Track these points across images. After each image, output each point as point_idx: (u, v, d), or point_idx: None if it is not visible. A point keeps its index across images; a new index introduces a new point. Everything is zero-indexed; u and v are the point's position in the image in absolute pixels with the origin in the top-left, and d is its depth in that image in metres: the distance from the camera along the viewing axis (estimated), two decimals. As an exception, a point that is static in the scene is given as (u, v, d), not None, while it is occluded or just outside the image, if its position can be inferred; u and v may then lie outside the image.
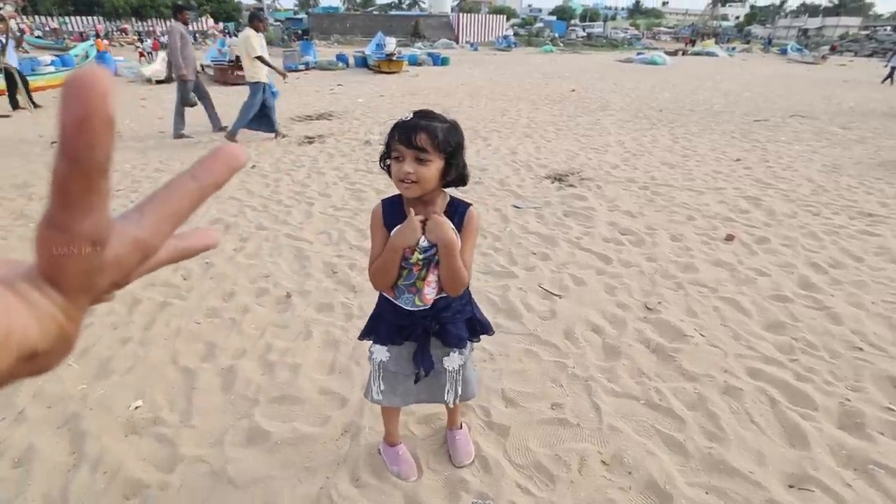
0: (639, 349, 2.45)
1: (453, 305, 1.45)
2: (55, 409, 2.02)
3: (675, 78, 16.30)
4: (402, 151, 1.20)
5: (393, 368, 1.50)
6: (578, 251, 3.51)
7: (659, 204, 4.47)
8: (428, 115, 1.24)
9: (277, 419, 1.97)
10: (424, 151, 1.20)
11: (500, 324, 2.64)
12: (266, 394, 2.10)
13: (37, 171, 5.33)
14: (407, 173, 1.20)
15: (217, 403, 2.05)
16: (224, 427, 1.93)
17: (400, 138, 1.19)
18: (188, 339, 2.47)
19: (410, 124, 1.20)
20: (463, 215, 1.34)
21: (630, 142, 6.90)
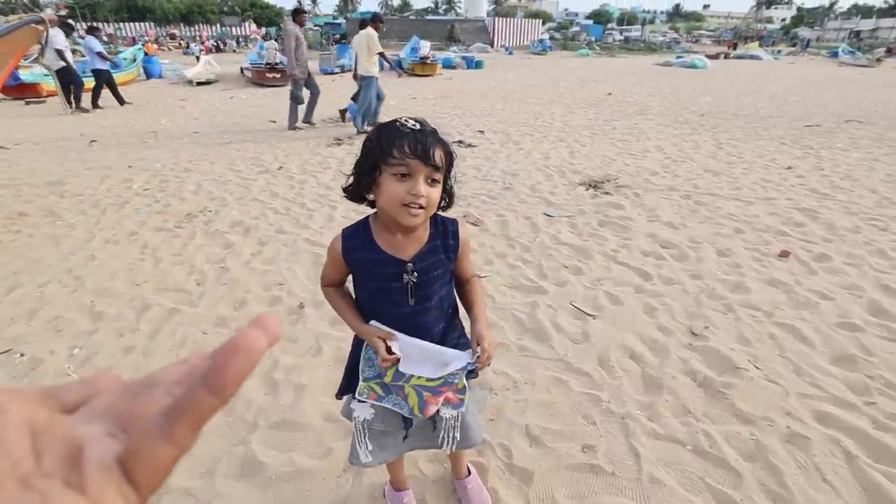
0: (684, 382, 2.16)
1: (447, 340, 1.23)
2: None
3: (717, 81, 15.59)
4: (415, 168, 0.96)
5: (380, 427, 1.26)
6: (615, 265, 3.23)
7: (703, 214, 4.13)
8: (425, 122, 1.02)
9: (275, 448, 1.79)
10: (439, 171, 1.00)
11: (527, 346, 2.40)
12: (267, 417, 1.94)
13: (72, 169, 5.43)
14: (419, 196, 0.97)
15: (214, 426, 1.89)
16: (218, 454, 1.77)
17: (413, 150, 0.95)
18: (193, 350, 2.32)
19: (427, 137, 0.97)
20: (457, 235, 1.15)
21: (670, 147, 6.52)
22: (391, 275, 1.08)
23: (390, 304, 1.12)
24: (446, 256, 1.13)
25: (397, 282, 1.09)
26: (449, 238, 1.13)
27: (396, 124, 0.99)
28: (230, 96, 11.76)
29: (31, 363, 2.27)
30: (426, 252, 1.10)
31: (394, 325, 1.13)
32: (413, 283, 1.09)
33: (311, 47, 28.38)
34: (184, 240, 3.61)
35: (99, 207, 4.27)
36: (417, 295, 1.11)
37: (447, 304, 1.21)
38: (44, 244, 3.53)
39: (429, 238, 1.11)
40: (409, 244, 1.09)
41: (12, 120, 8.64)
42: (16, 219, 4.00)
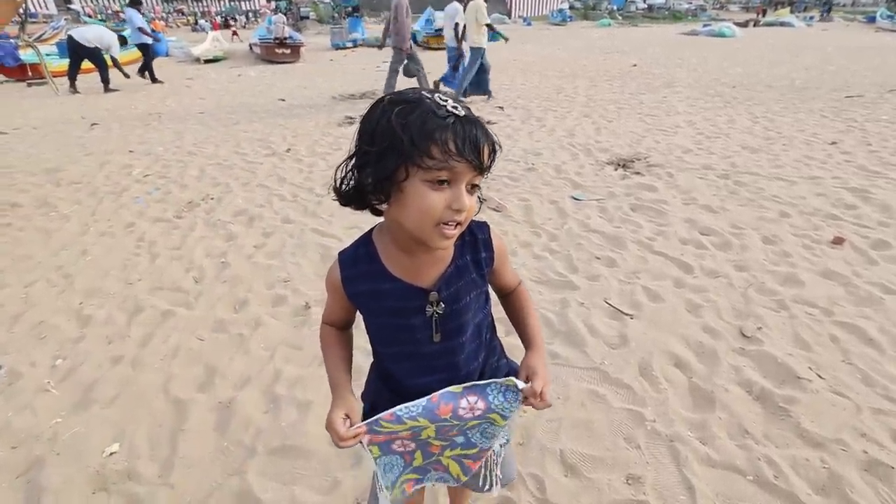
0: (738, 395, 1.89)
1: (487, 365, 0.98)
2: (19, 451, 1.71)
3: (748, 51, 14.72)
4: (460, 172, 0.69)
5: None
6: (651, 255, 2.93)
7: (744, 196, 3.77)
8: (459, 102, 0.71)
9: (275, 479, 1.57)
10: (485, 173, 0.73)
11: (558, 353, 2.14)
12: (266, 441, 1.71)
13: (71, 155, 5.23)
14: (463, 210, 0.71)
15: (207, 452, 1.68)
16: (209, 488, 1.55)
17: (461, 150, 0.67)
18: (186, 360, 2.12)
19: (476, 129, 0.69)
20: (489, 245, 0.88)
21: (702, 122, 6.08)
22: (409, 309, 0.82)
23: (410, 343, 0.86)
24: (479, 275, 0.87)
25: (418, 316, 0.83)
26: (480, 251, 0.86)
27: (428, 103, 0.68)
28: (238, 74, 11.46)
29: (9, 377, 2.07)
30: (452, 274, 0.83)
31: (417, 366, 0.89)
32: (438, 314, 0.83)
33: (323, 21, 27.85)
34: (183, 231, 3.39)
35: (96, 196, 4.06)
36: (445, 329, 0.85)
37: (486, 330, 0.95)
38: (34, 238, 3.33)
39: (454, 255, 0.84)
40: (429, 266, 0.82)
41: (13, 103, 8.46)
42: (7, 210, 3.80)
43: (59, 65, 10.26)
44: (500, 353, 1.05)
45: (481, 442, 0.93)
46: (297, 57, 13.34)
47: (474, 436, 0.92)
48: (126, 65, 10.97)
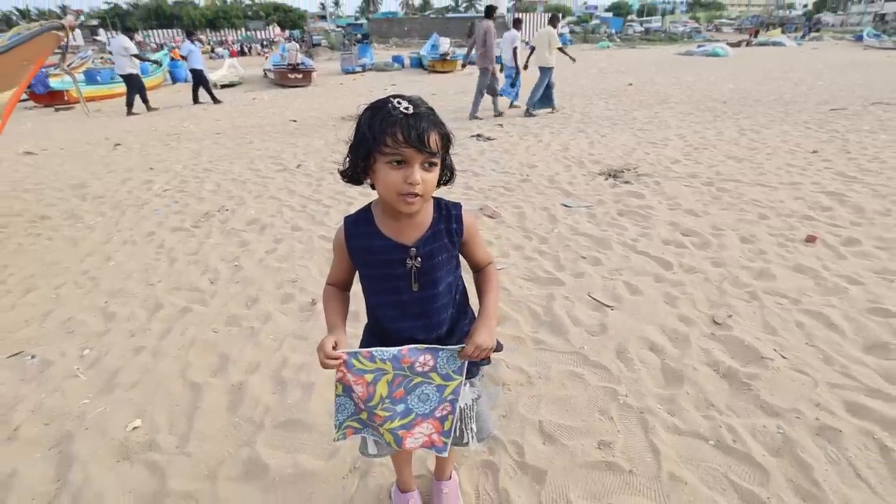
0: (706, 374, 2.06)
1: (457, 329, 1.18)
2: (51, 427, 1.91)
3: (740, 69, 15.09)
4: (410, 156, 0.93)
5: None
6: (634, 255, 3.13)
7: (726, 201, 3.97)
8: (419, 103, 0.97)
9: (281, 449, 1.76)
10: (435, 156, 0.96)
11: (542, 339, 2.33)
12: (273, 417, 1.91)
13: (95, 172, 5.56)
14: (416, 184, 0.94)
15: (220, 427, 1.88)
16: (221, 456, 1.74)
17: (407, 137, 0.91)
18: (202, 349, 2.34)
19: (421, 122, 0.92)
20: (460, 219, 1.10)
21: (692, 135, 6.32)
22: (394, 261, 1.05)
23: (394, 291, 1.08)
24: (450, 241, 1.09)
25: (401, 267, 1.05)
26: (452, 222, 1.09)
27: (388, 107, 0.93)
28: (253, 98, 11.91)
29: (41, 365, 2.29)
30: (429, 237, 1.06)
31: (399, 313, 1.10)
32: (417, 268, 1.05)
33: (334, 48, 28.69)
34: (200, 239, 3.64)
35: (119, 209, 4.34)
36: (421, 281, 1.07)
37: (456, 291, 1.17)
38: (62, 247, 3.60)
39: (432, 223, 1.07)
40: (411, 229, 1.06)
41: (42, 126, 8.93)
42: (37, 222, 4.09)
43: (86, 91, 11.33)
44: (472, 319, 1.24)
45: (417, 407, 1.13)
46: (308, 81, 13.86)
47: (412, 401, 1.13)
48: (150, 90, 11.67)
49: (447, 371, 1.12)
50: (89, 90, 11.65)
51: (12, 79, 3.86)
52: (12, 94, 3.92)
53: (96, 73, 12.71)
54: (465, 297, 1.23)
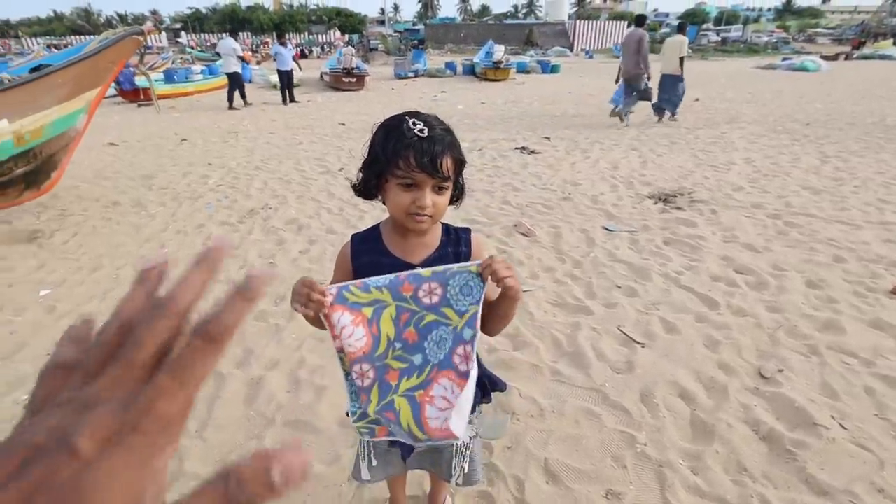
0: (742, 433, 1.86)
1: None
2: None
3: (833, 86, 13.94)
4: (422, 180, 0.92)
5: (384, 443, 1.17)
6: (676, 289, 2.91)
7: (793, 238, 3.62)
8: (434, 124, 0.94)
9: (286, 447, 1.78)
10: (447, 179, 0.93)
11: (562, 371, 2.20)
12: (284, 415, 1.98)
13: (162, 165, 5.95)
14: (426, 208, 0.93)
15: (235, 417, 1.97)
16: (232, 446, 1.83)
17: (419, 163, 0.89)
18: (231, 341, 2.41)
19: (435, 146, 0.90)
20: (469, 243, 1.06)
21: (762, 160, 5.86)
22: None
23: None
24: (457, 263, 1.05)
25: None
26: (461, 245, 1.06)
27: (403, 127, 0.91)
28: (307, 99, 12.36)
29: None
30: (435, 258, 1.04)
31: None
32: None
33: (390, 53, 29.39)
34: (242, 234, 3.79)
35: (178, 200, 4.62)
36: None
37: None
38: (127, 231, 3.91)
39: (439, 245, 1.06)
40: (419, 248, 1.04)
41: (125, 120, 9.71)
42: (110, 207, 4.45)
43: (164, 89, 12.47)
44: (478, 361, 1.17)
45: (434, 355, 0.94)
46: (361, 86, 14.21)
47: (430, 347, 0.94)
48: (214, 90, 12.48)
49: (464, 304, 0.92)
50: (166, 88, 12.73)
51: (99, 78, 4.28)
52: (98, 92, 4.35)
53: (174, 73, 13.79)
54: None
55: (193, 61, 20.42)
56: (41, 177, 4.16)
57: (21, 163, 3.83)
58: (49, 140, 3.98)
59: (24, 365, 2.30)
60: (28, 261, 3.38)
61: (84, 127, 4.38)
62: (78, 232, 3.88)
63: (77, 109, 4.16)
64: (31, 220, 4.12)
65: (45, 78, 3.85)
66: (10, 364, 2.31)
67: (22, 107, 3.70)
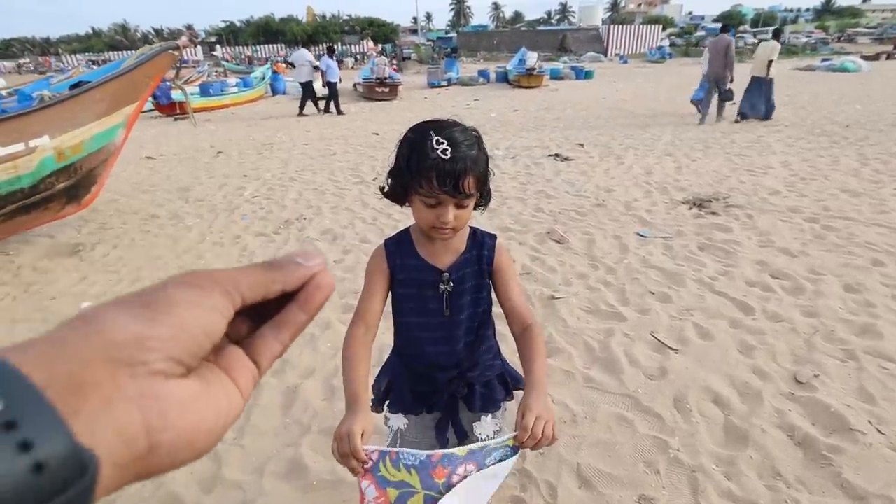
0: (777, 438, 1.85)
1: (481, 362, 1.18)
2: None
3: (874, 87, 13.41)
4: (444, 199, 0.95)
5: (413, 438, 1.24)
6: (710, 295, 2.89)
7: (831, 242, 3.54)
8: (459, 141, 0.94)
9: (322, 454, 1.85)
10: (471, 196, 0.97)
11: (594, 378, 2.22)
12: (320, 423, 2.01)
13: (198, 177, 6.20)
14: (448, 223, 0.97)
15: (272, 426, 2.02)
16: (270, 453, 1.87)
17: (442, 184, 0.91)
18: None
19: (457, 166, 0.91)
20: (493, 249, 1.11)
21: (799, 163, 5.72)
22: (427, 282, 1.09)
23: (426, 313, 1.11)
24: (480, 268, 1.11)
25: (432, 290, 1.09)
26: (484, 249, 1.11)
27: (427, 146, 0.92)
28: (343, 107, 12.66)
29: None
30: (462, 262, 1.10)
31: (427, 335, 1.12)
32: (449, 292, 1.09)
33: (423, 61, 29.78)
34: (278, 245, 3.93)
35: (214, 212, 4.80)
36: (453, 305, 1.10)
37: (477, 322, 1.15)
38: (165, 244, 4.05)
39: (465, 249, 1.11)
40: (446, 254, 1.10)
41: (162, 133, 10.13)
42: (149, 220, 4.64)
43: (200, 102, 12.79)
44: (497, 354, 1.24)
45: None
46: (394, 95, 14.44)
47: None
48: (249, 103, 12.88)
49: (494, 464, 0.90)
50: (202, 101, 13.10)
51: (136, 93, 4.44)
52: (135, 107, 4.50)
53: (209, 87, 14.22)
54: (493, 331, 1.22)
55: (227, 74, 21.16)
56: (81, 191, 4.25)
57: (62, 178, 3.91)
58: (89, 155, 4.07)
59: None
60: (70, 274, 3.53)
61: (122, 141, 4.50)
62: (118, 245, 4.03)
63: (115, 125, 4.28)
64: (72, 233, 4.29)
65: (84, 94, 3.93)
66: None
67: (62, 123, 3.78)
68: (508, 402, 1.28)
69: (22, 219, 3.87)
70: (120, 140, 4.47)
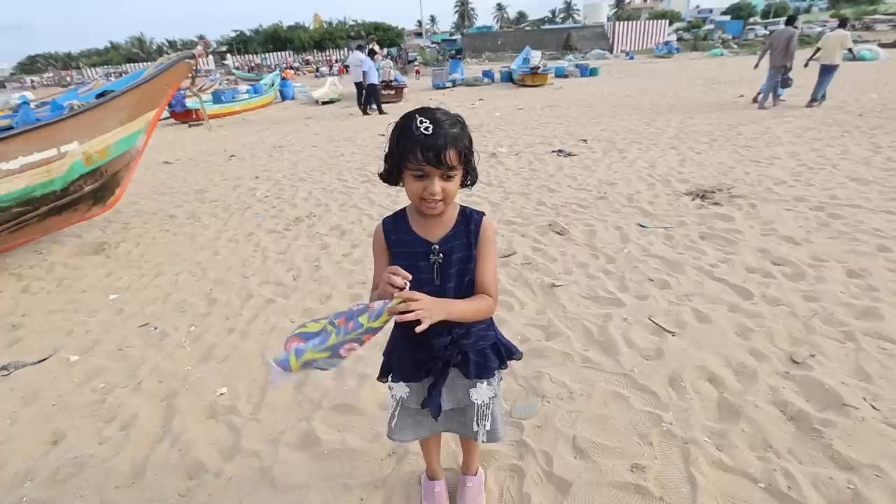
0: (769, 413, 1.91)
1: (474, 331, 1.28)
2: (163, 384, 2.34)
3: (891, 74, 13.19)
4: (429, 171, 1.07)
5: (414, 405, 1.36)
6: (709, 281, 2.94)
7: (836, 229, 3.55)
8: (441, 120, 1.07)
9: (333, 427, 1.97)
10: (453, 169, 1.09)
11: (591, 358, 2.30)
12: (330, 400, 2.14)
13: (213, 180, 6.40)
14: (434, 195, 1.09)
15: (286, 402, 2.15)
16: (284, 426, 2.00)
17: (426, 157, 1.05)
18: (280, 335, 2.64)
19: (438, 141, 1.04)
20: (479, 224, 1.21)
21: (808, 153, 5.70)
22: (420, 254, 1.19)
23: (419, 282, 1.18)
24: (467, 241, 1.21)
25: (425, 260, 1.19)
26: (471, 224, 1.21)
27: (412, 126, 1.06)
28: (350, 113, 12.86)
29: (160, 335, 2.78)
30: (451, 235, 1.20)
31: None
32: (439, 262, 1.19)
33: (428, 64, 29.91)
34: (289, 241, 4.08)
35: (228, 212, 4.99)
36: (442, 275, 1.20)
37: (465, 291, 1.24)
38: (183, 241, 4.25)
39: (455, 224, 1.21)
40: (437, 228, 1.20)
41: (178, 139, 10.43)
42: (168, 220, 4.86)
43: (213, 109, 13.25)
44: (490, 325, 1.33)
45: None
46: (400, 97, 14.59)
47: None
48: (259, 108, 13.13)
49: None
50: (215, 108, 13.62)
51: (156, 101, 4.66)
52: (155, 114, 4.72)
53: (221, 94, 14.71)
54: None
55: (238, 82, 21.60)
56: (107, 193, 4.49)
57: (90, 181, 4.14)
58: (113, 159, 4.31)
59: (98, 358, 2.58)
60: (98, 270, 3.75)
61: (143, 146, 4.73)
62: (140, 243, 4.26)
63: (137, 130, 4.51)
64: (98, 233, 4.55)
65: (110, 103, 4.18)
66: (88, 357, 2.60)
67: (90, 130, 4.02)
68: (503, 370, 1.39)
69: (54, 220, 4.10)
70: (141, 145, 4.69)
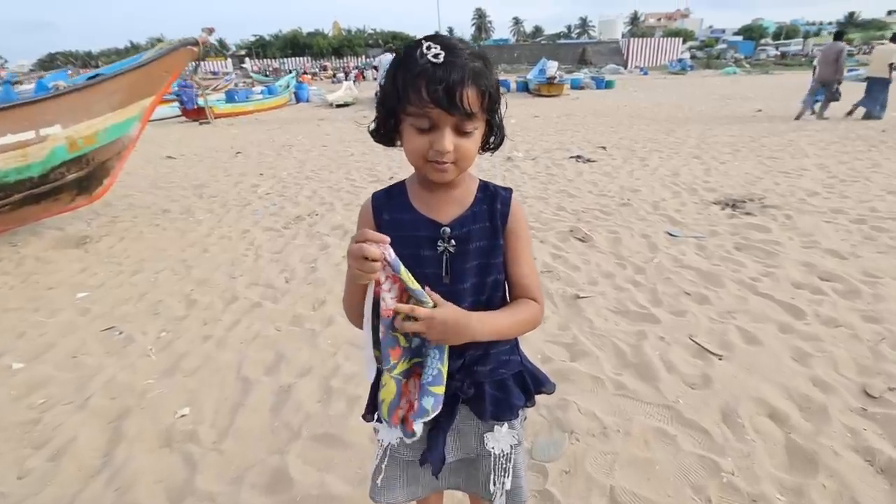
0: (853, 462, 1.55)
1: (493, 353, 0.91)
2: (116, 401, 1.97)
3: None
4: (438, 117, 0.73)
5: (404, 455, 0.97)
6: (753, 297, 2.59)
7: (884, 243, 3.22)
8: (458, 48, 0.73)
9: (311, 464, 1.61)
10: (472, 117, 0.74)
11: (626, 384, 1.95)
12: (312, 427, 1.77)
13: (215, 175, 6.13)
14: (444, 153, 0.75)
15: (258, 428, 1.79)
16: (252, 461, 1.64)
17: (433, 95, 0.70)
18: (262, 345, 2.31)
19: (452, 74, 0.70)
20: (507, 203, 0.87)
21: (836, 166, 5.38)
22: (424, 239, 0.85)
23: (421, 279, 0.82)
24: (492, 225, 0.86)
25: (430, 249, 0.85)
26: (497, 203, 0.87)
27: (417, 54, 0.72)
28: (364, 115, 12.64)
29: (124, 341, 2.42)
30: (468, 216, 0.86)
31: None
32: (450, 252, 0.85)
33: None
34: (286, 239, 3.75)
35: (226, 207, 4.69)
36: (454, 270, 0.85)
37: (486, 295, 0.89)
38: (172, 236, 3.93)
39: (474, 201, 0.87)
40: (449, 206, 0.86)
41: (186, 136, 10.20)
42: (160, 214, 4.54)
43: (225, 108, 13.42)
44: (515, 346, 0.97)
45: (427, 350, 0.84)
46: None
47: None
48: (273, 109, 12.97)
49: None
50: (227, 107, 13.59)
51: (153, 87, 4.35)
52: (152, 101, 4.41)
53: (234, 94, 14.70)
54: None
55: (254, 84, 21.70)
56: (93, 183, 4.16)
57: (74, 168, 3.82)
58: (102, 147, 3.97)
59: (46, 367, 2.22)
60: (73, 265, 3.40)
61: (137, 135, 4.41)
62: (124, 237, 3.93)
63: (131, 117, 4.19)
64: (82, 226, 4.21)
65: (99, 85, 3.85)
66: (35, 365, 2.24)
67: (76, 113, 3.69)
68: (529, 408, 1.00)
69: (31, 209, 3.79)
70: (135, 133, 4.37)
